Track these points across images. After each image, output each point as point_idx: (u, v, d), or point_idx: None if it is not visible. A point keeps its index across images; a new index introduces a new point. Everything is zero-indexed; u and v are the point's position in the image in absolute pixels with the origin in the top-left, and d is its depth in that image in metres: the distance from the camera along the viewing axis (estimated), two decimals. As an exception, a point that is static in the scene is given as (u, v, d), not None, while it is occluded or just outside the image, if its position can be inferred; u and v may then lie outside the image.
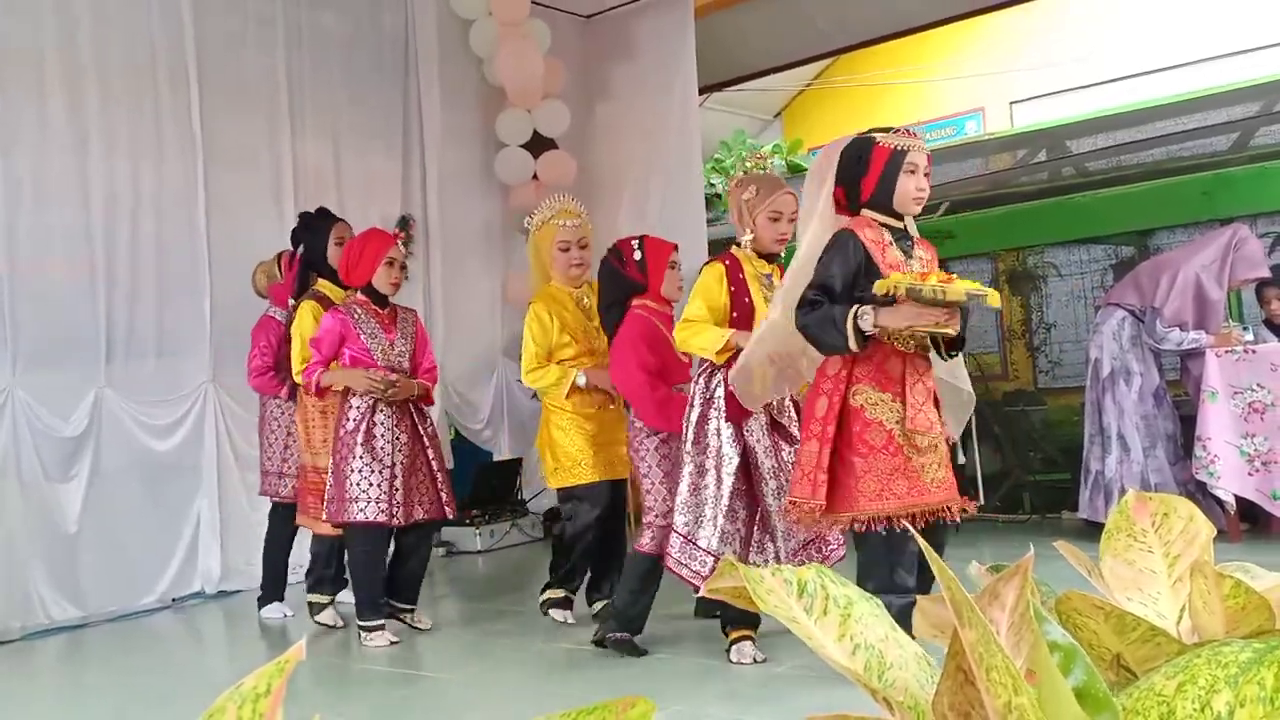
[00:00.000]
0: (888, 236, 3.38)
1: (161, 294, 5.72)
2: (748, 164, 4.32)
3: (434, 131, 7.12)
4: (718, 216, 8.94)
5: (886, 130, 3.44)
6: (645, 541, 4.07)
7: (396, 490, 4.40)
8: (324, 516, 4.52)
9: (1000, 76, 12.66)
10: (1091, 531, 5.23)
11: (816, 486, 3.29)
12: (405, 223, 7.05)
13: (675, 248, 4.43)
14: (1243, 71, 9.37)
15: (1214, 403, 5.24)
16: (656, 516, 4.07)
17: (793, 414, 3.84)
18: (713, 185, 10.00)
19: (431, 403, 4.72)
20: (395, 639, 4.46)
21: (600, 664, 3.98)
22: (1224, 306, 5.57)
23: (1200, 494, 5.26)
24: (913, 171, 3.35)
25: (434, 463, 4.57)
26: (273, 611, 5.18)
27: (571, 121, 7.38)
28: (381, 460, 4.38)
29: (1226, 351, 5.28)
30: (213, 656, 4.82)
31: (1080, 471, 5.80)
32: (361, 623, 4.49)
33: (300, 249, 5.03)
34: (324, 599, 4.92)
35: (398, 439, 4.46)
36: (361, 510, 4.34)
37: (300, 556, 5.26)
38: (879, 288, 3.17)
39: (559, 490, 4.67)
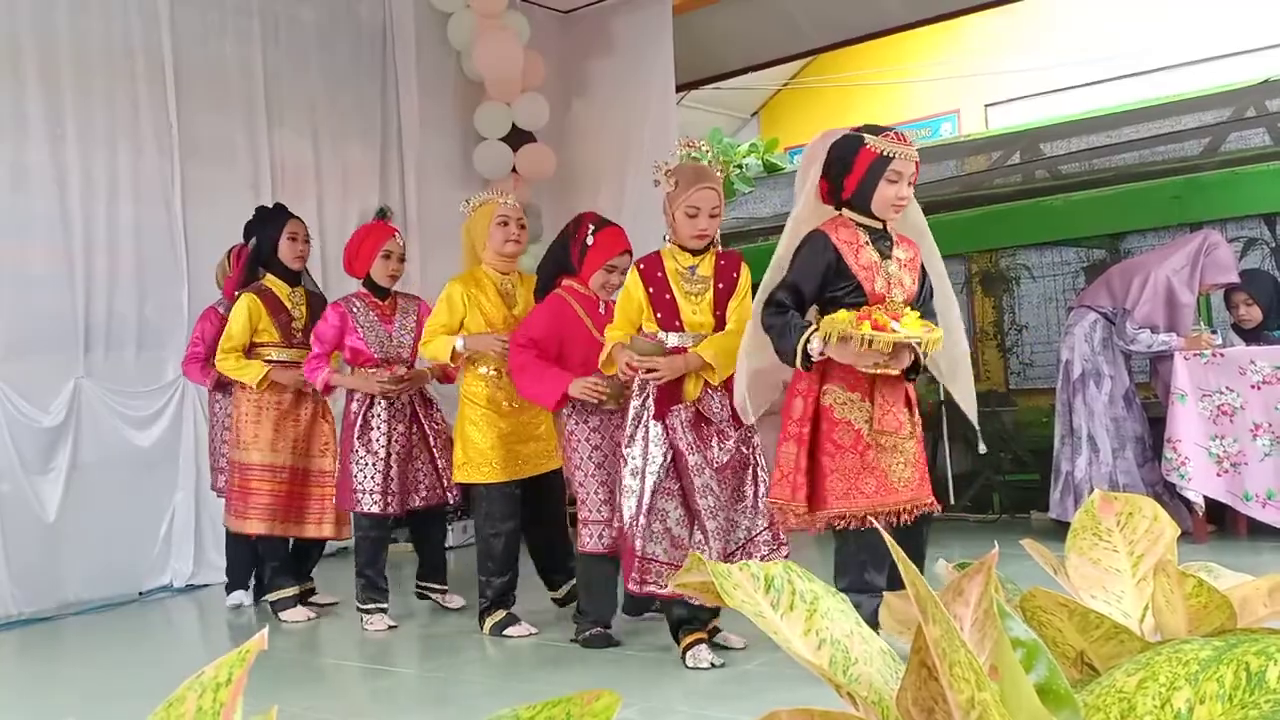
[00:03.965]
0: (864, 237, 3.36)
1: (140, 284, 5.69)
2: (680, 151, 4.19)
3: (412, 124, 7.10)
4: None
5: (878, 132, 3.38)
6: (586, 541, 4.01)
7: (392, 481, 4.57)
8: (334, 504, 4.77)
9: (976, 79, 12.73)
10: (1060, 531, 5.26)
11: (796, 489, 3.30)
12: (383, 213, 7.00)
13: (627, 252, 4.16)
14: (1215, 77, 9.46)
15: (1183, 405, 5.29)
16: (592, 513, 4.00)
17: (719, 405, 3.71)
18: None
19: (453, 380, 4.71)
20: (393, 623, 4.58)
21: (568, 659, 3.98)
22: (1194, 310, 5.61)
23: (1168, 495, 5.30)
24: (894, 181, 3.31)
25: (435, 450, 4.71)
26: (236, 598, 5.19)
27: (550, 116, 7.37)
28: (375, 454, 4.55)
29: (1195, 354, 5.33)
30: (185, 649, 4.79)
31: (1050, 472, 5.84)
32: (360, 606, 4.61)
33: (251, 242, 5.03)
34: (288, 592, 4.87)
35: (394, 431, 4.61)
36: (359, 502, 4.55)
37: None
38: (820, 333, 3.21)
39: (464, 486, 4.52)
